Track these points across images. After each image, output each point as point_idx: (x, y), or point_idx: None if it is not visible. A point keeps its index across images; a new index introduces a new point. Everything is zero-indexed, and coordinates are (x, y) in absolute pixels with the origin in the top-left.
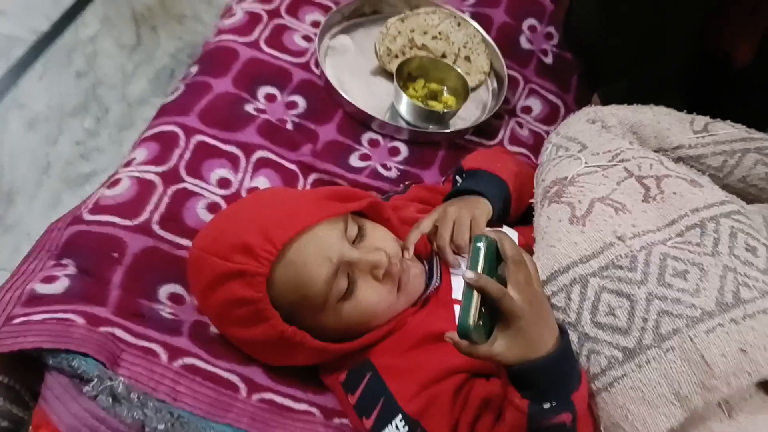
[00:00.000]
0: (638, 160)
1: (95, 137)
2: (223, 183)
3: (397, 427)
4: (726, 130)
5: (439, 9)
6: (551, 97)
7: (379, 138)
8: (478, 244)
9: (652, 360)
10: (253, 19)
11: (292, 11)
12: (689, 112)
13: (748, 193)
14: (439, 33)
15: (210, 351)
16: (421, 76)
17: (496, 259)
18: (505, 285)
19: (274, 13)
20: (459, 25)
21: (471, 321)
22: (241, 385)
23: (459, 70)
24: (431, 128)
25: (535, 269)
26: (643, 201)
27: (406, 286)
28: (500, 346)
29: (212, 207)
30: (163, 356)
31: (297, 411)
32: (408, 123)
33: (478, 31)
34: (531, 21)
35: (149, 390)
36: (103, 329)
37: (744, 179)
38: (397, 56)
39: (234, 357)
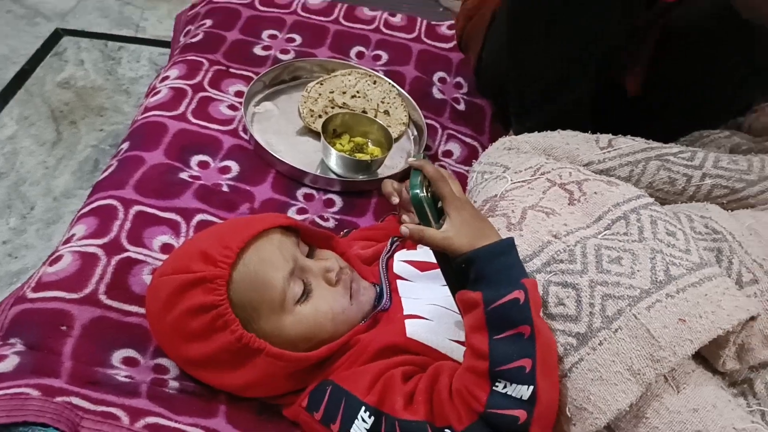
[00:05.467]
0: (558, 171)
1: (22, 234)
2: (166, 248)
3: (363, 419)
4: (628, 143)
5: (355, 70)
6: (468, 140)
7: (314, 192)
8: (413, 163)
9: (604, 341)
10: (178, 94)
11: (215, 84)
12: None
13: (656, 197)
14: (357, 92)
15: (170, 408)
16: (345, 131)
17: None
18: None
19: (198, 87)
20: (375, 82)
21: (420, 191)
22: None
23: (380, 123)
24: (361, 178)
25: (459, 188)
26: (569, 204)
27: (357, 294)
28: (450, 229)
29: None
30: (125, 419)
31: None
32: (338, 175)
33: (393, 86)
34: (440, 74)
35: None
36: (59, 399)
37: (651, 185)
38: (320, 116)
39: (195, 411)
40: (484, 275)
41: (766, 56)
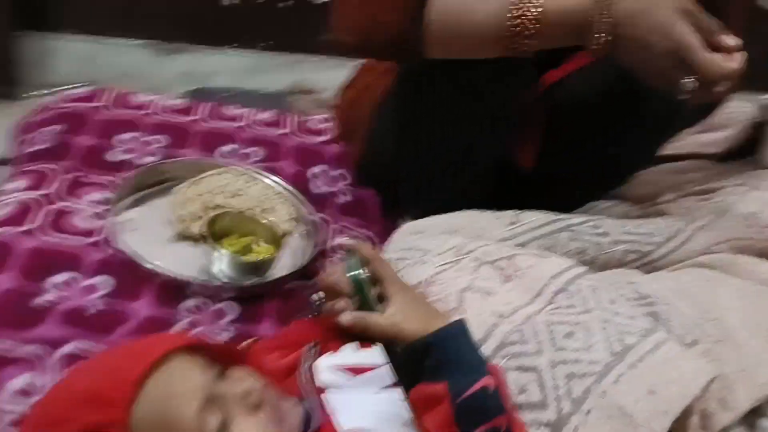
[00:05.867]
0: (482, 248)
1: None
2: (26, 392)
3: None
4: (535, 216)
5: (232, 168)
6: (361, 230)
7: (201, 303)
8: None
9: (579, 427)
10: (27, 207)
11: (73, 192)
12: None
13: None
14: (239, 190)
15: None
16: (229, 233)
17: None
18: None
19: (50, 198)
20: (253, 179)
21: (360, 272)
22: None
23: (266, 221)
24: (251, 281)
25: (393, 270)
26: (505, 282)
27: (284, 416)
28: (398, 314)
29: (18, 424)
30: None
31: None
32: (226, 281)
33: (273, 182)
34: (320, 167)
35: None
36: None
37: (565, 256)
38: (200, 217)
39: None
40: (445, 363)
41: (652, 127)
